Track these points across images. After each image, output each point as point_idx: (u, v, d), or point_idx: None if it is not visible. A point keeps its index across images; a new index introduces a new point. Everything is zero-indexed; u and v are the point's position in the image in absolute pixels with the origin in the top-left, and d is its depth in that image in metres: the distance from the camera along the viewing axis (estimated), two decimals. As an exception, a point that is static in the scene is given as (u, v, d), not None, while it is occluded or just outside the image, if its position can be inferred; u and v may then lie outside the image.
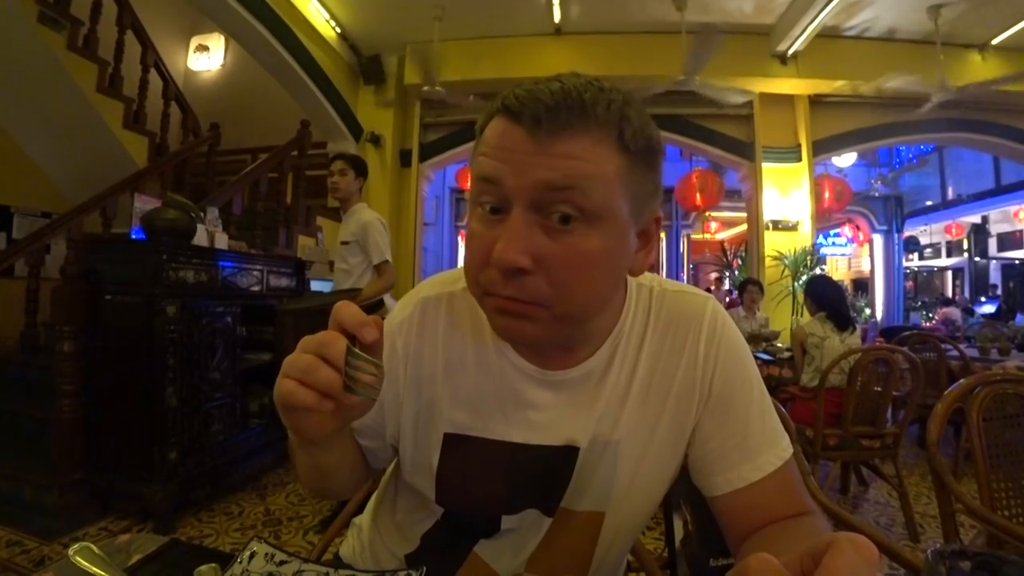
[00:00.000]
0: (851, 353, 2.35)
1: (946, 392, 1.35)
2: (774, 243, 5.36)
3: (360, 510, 0.80)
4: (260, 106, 5.99)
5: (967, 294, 10.53)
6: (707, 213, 8.14)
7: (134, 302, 2.25)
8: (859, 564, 0.27)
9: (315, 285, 3.52)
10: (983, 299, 9.61)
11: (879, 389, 2.41)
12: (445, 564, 0.63)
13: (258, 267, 2.80)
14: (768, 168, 5.43)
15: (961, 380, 1.39)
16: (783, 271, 5.20)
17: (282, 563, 0.52)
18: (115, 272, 2.31)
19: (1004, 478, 1.30)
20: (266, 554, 0.53)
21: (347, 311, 0.44)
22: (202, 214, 2.72)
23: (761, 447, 0.58)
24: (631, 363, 0.60)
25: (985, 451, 1.30)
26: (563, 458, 0.59)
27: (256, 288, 2.77)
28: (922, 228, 11.12)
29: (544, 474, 0.59)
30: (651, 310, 0.62)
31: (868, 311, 9.82)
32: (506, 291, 0.48)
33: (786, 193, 5.43)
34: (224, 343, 2.55)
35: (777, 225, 5.39)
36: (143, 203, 2.70)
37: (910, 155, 10.36)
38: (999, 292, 9.95)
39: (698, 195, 5.63)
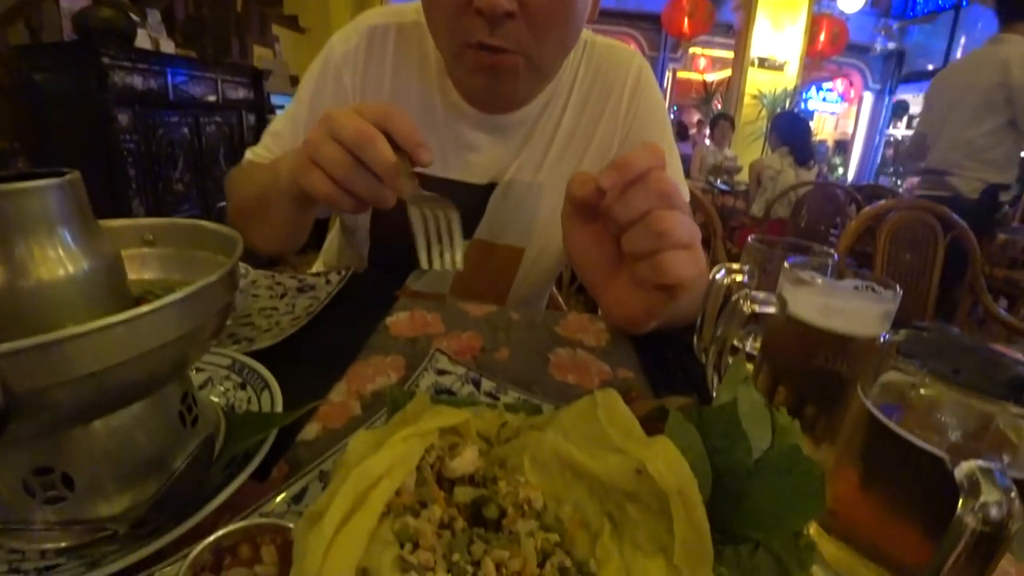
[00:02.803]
0: (801, 185, 2.44)
1: (862, 211, 1.47)
2: (757, 82, 5.20)
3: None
4: None
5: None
6: (692, 48, 7.66)
7: (83, 112, 2.14)
8: (645, 156, 0.36)
9: (276, 99, 3.31)
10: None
11: (823, 228, 2.56)
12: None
13: (211, 75, 2.64)
14: (764, -5, 5.05)
15: (879, 202, 1.51)
16: (760, 111, 5.12)
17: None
18: (56, 82, 2.16)
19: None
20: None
21: (401, 119, 0.40)
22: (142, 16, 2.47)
23: None
24: (559, 111, 0.66)
25: (885, 272, 1.46)
26: (483, 194, 0.67)
27: (212, 98, 2.64)
28: (915, 95, 10.67)
29: (466, 209, 0.67)
30: (581, 61, 0.65)
31: (841, 170, 9.86)
32: (493, 39, 0.49)
33: (779, 27, 5.12)
34: (184, 154, 2.50)
35: (763, 63, 5.18)
36: (71, 3, 2.43)
37: (925, 8, 9.52)
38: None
39: (686, 20, 5.23)
